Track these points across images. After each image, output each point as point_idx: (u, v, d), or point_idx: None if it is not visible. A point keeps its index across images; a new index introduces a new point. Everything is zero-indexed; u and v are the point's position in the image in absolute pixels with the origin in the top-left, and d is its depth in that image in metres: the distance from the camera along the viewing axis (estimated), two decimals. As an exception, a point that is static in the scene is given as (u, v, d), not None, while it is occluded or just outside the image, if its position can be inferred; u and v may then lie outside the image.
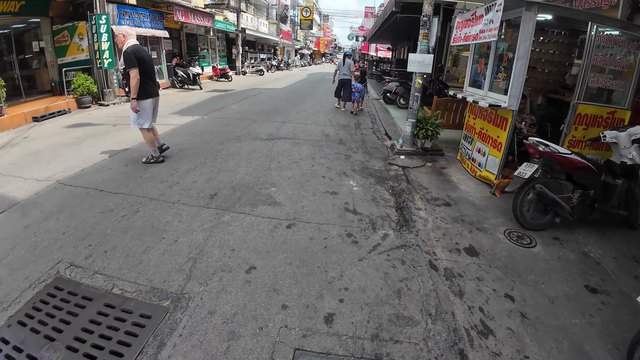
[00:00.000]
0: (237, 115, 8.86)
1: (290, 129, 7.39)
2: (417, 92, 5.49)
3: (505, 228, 3.51)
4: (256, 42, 32.77)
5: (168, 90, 14.48)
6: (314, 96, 13.26)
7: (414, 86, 5.49)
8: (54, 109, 8.51)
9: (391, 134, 7.22)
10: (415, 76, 5.42)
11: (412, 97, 5.57)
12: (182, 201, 3.83)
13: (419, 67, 5.24)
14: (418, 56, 5.23)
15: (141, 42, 14.38)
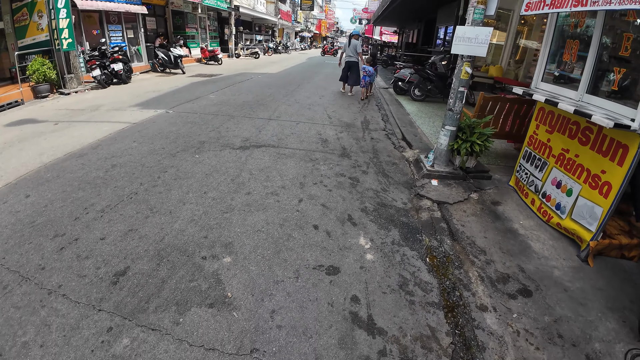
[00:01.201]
0: (212, 108, 7.00)
1: (276, 130, 5.54)
2: (463, 87, 3.64)
3: (625, 346, 1.78)
4: (253, 22, 30.43)
5: (146, 75, 12.59)
6: (311, 83, 11.32)
7: (458, 77, 3.63)
8: (4, 100, 6.88)
9: (411, 139, 5.40)
10: (461, 61, 3.56)
11: (453, 94, 3.72)
12: (62, 289, 2.07)
13: (468, 47, 3.37)
14: (469, 30, 3.35)
15: (113, 19, 12.54)
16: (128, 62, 10.83)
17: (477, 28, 3.30)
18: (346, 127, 5.93)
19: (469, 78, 3.58)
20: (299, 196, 3.38)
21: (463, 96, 3.66)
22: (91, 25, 11.35)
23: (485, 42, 3.25)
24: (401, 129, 5.97)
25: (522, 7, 3.11)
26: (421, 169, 4.10)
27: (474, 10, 3.30)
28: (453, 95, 3.69)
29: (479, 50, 3.30)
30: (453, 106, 3.72)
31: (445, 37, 12.74)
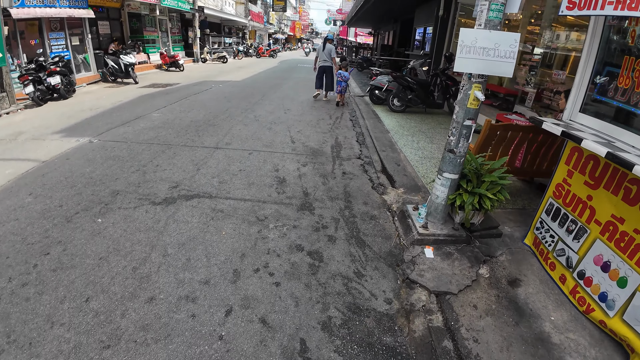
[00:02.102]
0: (148, 133, 5.66)
1: (220, 167, 4.28)
2: (470, 119, 2.49)
3: None
4: (221, 24, 28.85)
5: (93, 87, 11.08)
6: (279, 92, 10.08)
7: (463, 105, 2.47)
8: None
9: (392, 169, 4.27)
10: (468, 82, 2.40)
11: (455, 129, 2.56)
12: None
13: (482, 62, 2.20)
14: (483, 36, 2.17)
15: (55, 26, 10.88)
16: (68, 74, 9.32)
17: (497, 34, 2.16)
18: (312, 156, 4.73)
19: (477, 108, 2.45)
20: (228, 302, 2.15)
21: (470, 133, 2.53)
22: (31, 35, 9.79)
23: (512, 56, 2.13)
24: (380, 155, 4.83)
25: (563, 5, 2.01)
26: (410, 229, 2.95)
27: (489, 6, 2.16)
28: (455, 130, 2.55)
29: (503, 67, 2.19)
30: (455, 146, 2.58)
31: (424, 39, 11.79)
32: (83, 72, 12.12)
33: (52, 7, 9.92)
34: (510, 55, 2.14)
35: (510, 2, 2.13)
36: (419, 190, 3.83)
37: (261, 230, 2.92)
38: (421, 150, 5.19)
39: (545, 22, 7.34)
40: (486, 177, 2.74)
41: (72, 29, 11.40)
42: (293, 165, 4.33)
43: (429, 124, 6.98)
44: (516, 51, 2.14)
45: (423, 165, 4.55)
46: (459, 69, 2.27)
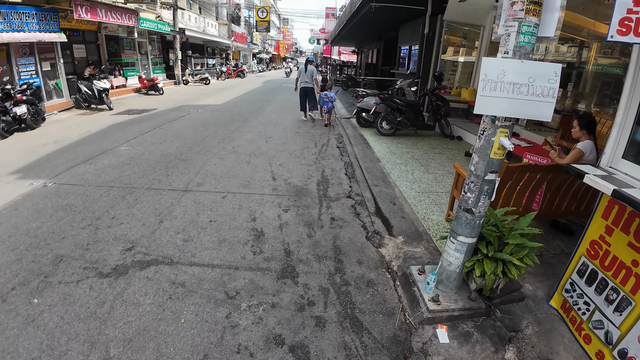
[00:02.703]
0: (111, 172, 5.01)
1: (187, 218, 3.65)
2: (493, 172, 1.95)
3: None
4: (204, 45, 28.55)
5: (65, 114, 10.40)
6: (261, 117, 9.55)
7: (484, 155, 1.92)
8: None
9: (388, 210, 3.73)
10: (491, 126, 1.85)
11: (474, 184, 2.01)
12: None
13: (514, 102, 1.65)
14: (512, 67, 1.62)
15: (24, 52, 10.22)
16: (37, 102, 8.66)
17: (531, 65, 1.64)
18: (296, 197, 4.14)
19: (500, 162, 1.92)
20: None
21: (493, 189, 1.99)
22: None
23: (551, 94, 1.63)
24: (373, 192, 4.29)
25: (613, 29, 1.53)
26: (417, 301, 2.37)
27: (519, 28, 1.65)
28: (473, 186, 2.00)
29: (540, 108, 1.67)
30: (474, 205, 2.03)
31: (409, 57, 11.54)
32: (55, 99, 11.46)
33: (21, 31, 9.33)
34: (550, 93, 1.64)
35: (544, 24, 1.63)
36: (421, 238, 3.28)
37: (231, 313, 2.29)
38: (417, 182, 4.67)
39: None
40: (510, 239, 2.20)
41: (43, 53, 10.80)
42: (273, 212, 3.73)
43: (422, 148, 6.52)
44: (557, 87, 1.64)
45: (422, 203, 4.01)
46: (481, 111, 1.75)
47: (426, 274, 2.55)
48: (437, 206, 3.96)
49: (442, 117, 7.61)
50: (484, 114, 1.81)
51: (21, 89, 8.44)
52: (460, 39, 10.10)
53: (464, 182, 2.09)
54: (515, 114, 1.74)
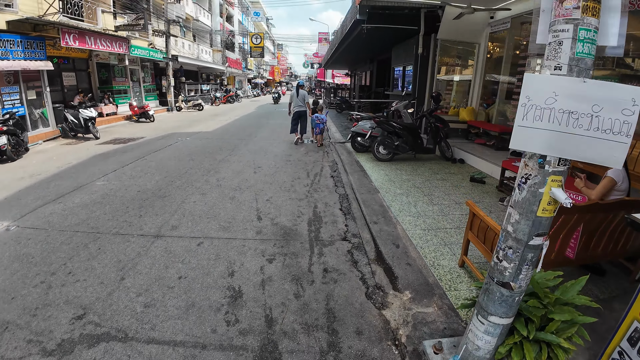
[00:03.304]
0: (80, 213, 4.46)
1: (153, 274, 3.07)
2: (540, 235, 1.42)
3: None
4: (199, 71, 28.64)
5: (50, 144, 10.02)
6: (251, 144, 9.10)
7: (528, 212, 1.39)
8: None
9: (391, 255, 3.17)
10: (539, 172, 1.32)
11: (514, 251, 1.48)
12: None
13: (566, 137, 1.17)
14: (566, 86, 1.13)
15: (9, 80, 9.85)
16: (19, 132, 8.24)
17: (597, 85, 1.14)
18: (283, 242, 3.57)
19: (554, 213, 1.40)
20: None
21: (540, 256, 1.45)
22: (-19, 90, 8.83)
23: (626, 131, 1.13)
24: (372, 231, 3.74)
25: None
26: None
27: (575, 33, 1.15)
28: (512, 253, 1.46)
29: (609, 150, 1.17)
30: (513, 278, 1.48)
31: (404, 78, 11.27)
32: (41, 128, 11.09)
33: (5, 59, 9.04)
34: (624, 130, 1.14)
35: (605, 31, 1.15)
36: (432, 292, 2.71)
37: None
38: (421, 216, 4.13)
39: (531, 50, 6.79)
40: (557, 313, 1.64)
41: (29, 81, 10.50)
42: (255, 263, 3.15)
43: (423, 174, 6.03)
44: (635, 121, 1.14)
45: (429, 244, 3.46)
46: (519, 146, 1.24)
47: (444, 352, 1.97)
48: (447, 247, 3.41)
49: (441, 139, 7.17)
50: (522, 150, 1.29)
51: (3, 118, 8.09)
52: (454, 59, 9.85)
53: (497, 247, 1.55)
54: (570, 154, 1.23)
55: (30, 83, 10.60)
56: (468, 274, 3.00)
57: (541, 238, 1.42)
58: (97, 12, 13.00)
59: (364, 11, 7.74)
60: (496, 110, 8.28)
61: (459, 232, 3.73)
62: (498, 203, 4.72)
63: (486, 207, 4.53)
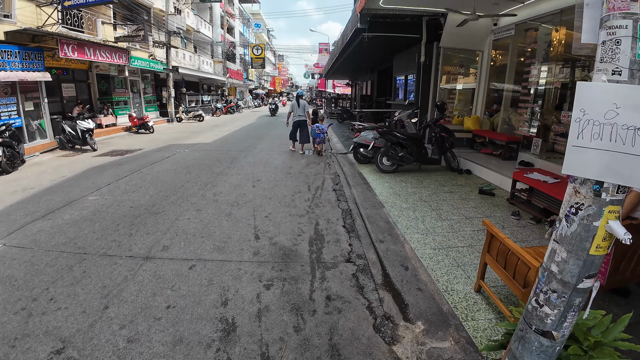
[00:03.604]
0: (68, 231, 4.21)
1: (139, 302, 2.80)
2: (591, 276, 1.16)
3: None
4: (200, 82, 28.69)
5: (47, 155, 9.88)
6: (250, 156, 8.88)
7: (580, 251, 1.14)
8: None
9: (399, 278, 2.90)
10: (595, 202, 1.06)
11: (556, 299, 1.22)
12: None
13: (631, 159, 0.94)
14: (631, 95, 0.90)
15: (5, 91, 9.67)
16: (14, 144, 8.08)
17: None
18: (282, 265, 3.29)
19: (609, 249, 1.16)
20: None
21: (589, 301, 1.19)
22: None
23: None
24: (378, 251, 3.47)
25: None
26: None
27: (637, 30, 0.92)
28: (556, 298, 1.20)
29: None
30: (555, 327, 1.22)
31: (406, 87, 11.10)
32: (38, 140, 10.97)
33: (2, 70, 8.96)
34: None
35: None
36: (447, 323, 2.43)
37: None
38: (430, 234, 3.86)
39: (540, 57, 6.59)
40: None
41: (27, 92, 10.40)
42: (251, 289, 2.87)
43: (429, 187, 5.77)
44: None
45: (441, 265, 3.18)
46: (574, 171, 1.00)
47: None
48: (460, 269, 3.13)
49: (447, 149, 6.93)
50: (577, 175, 1.04)
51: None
52: (456, 67, 9.67)
53: (536, 289, 1.29)
54: (637, 181, 0.98)
55: (28, 94, 10.49)
56: (485, 300, 2.72)
57: (591, 280, 1.16)
58: (97, 24, 12.97)
59: (365, 20, 7.59)
60: (501, 118, 8.07)
61: (472, 251, 3.45)
62: (510, 218, 4.45)
63: (498, 222, 4.26)
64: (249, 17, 45.76)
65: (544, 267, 1.27)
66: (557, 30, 6.08)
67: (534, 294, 1.33)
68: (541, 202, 4.54)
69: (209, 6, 29.04)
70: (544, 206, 4.48)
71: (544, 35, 6.45)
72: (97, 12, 13.01)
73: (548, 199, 4.45)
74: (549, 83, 6.35)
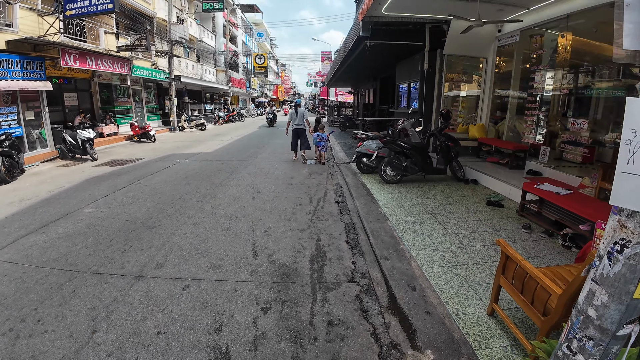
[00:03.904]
0: (61, 247, 4.06)
1: (128, 327, 2.62)
2: (631, 322, 0.98)
3: None
4: (203, 91, 28.78)
5: (47, 165, 9.85)
6: (251, 166, 8.74)
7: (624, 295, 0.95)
8: None
9: (406, 301, 2.70)
10: None
11: (592, 347, 1.03)
12: None
13: None
14: None
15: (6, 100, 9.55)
16: (14, 154, 8.01)
17: None
18: (280, 285, 3.10)
19: None
20: None
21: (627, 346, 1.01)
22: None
23: None
24: (383, 269, 3.27)
25: None
26: None
27: None
28: (592, 346, 1.02)
29: None
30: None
31: (409, 95, 10.97)
32: (39, 149, 10.92)
33: (3, 79, 8.91)
34: None
35: None
36: (459, 353, 2.23)
37: None
38: (438, 249, 3.67)
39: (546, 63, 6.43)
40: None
41: (28, 101, 10.37)
42: (247, 313, 2.68)
43: (435, 198, 5.58)
44: None
45: (450, 285, 2.98)
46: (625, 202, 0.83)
47: None
48: (471, 289, 2.93)
49: (452, 158, 6.75)
50: (626, 207, 0.87)
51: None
52: (460, 74, 9.53)
53: (569, 334, 1.10)
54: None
55: (29, 103, 10.47)
56: (499, 324, 2.52)
57: (631, 326, 0.98)
58: (99, 33, 13.01)
59: (367, 27, 7.50)
60: (506, 126, 7.89)
61: (483, 269, 3.25)
62: (521, 231, 4.25)
63: (509, 236, 4.06)
64: (251, 27, 46.19)
65: (578, 310, 1.08)
66: (563, 36, 5.93)
67: (566, 339, 1.14)
68: (553, 214, 4.34)
69: (212, 16, 29.30)
70: (555, 218, 4.28)
71: (550, 41, 6.31)
72: (99, 21, 13.06)
73: (560, 211, 4.25)
74: (555, 89, 6.18)
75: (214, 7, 22.77)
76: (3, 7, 8.87)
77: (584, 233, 3.81)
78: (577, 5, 5.38)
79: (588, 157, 5.60)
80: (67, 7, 9.28)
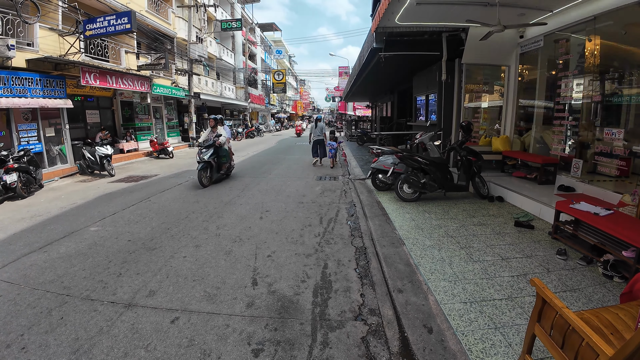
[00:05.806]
0: (59, 267, 3.91)
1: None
2: None
3: None
4: (222, 108, 29.32)
5: (65, 180, 10.04)
6: (263, 182, 8.52)
7: None
8: None
9: (420, 347, 2.29)
10: None
11: None
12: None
13: None
14: None
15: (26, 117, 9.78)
16: (32, 169, 8.18)
17: None
18: (277, 322, 2.73)
19: None
20: None
21: None
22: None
23: None
24: (395, 304, 2.87)
25: None
26: None
27: None
28: None
29: None
30: None
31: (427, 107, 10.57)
32: (59, 165, 11.18)
33: (22, 97, 9.16)
34: None
35: None
36: (488, 419, 1.80)
37: None
38: (460, 281, 3.23)
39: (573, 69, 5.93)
40: None
41: (49, 118, 10.69)
42: (236, 356, 2.34)
43: (456, 218, 5.13)
44: None
45: (473, 326, 2.55)
46: None
47: None
48: (499, 333, 2.49)
49: (475, 174, 6.28)
50: None
51: (18, 155, 8.08)
52: (480, 84, 9.08)
53: None
54: None
55: (50, 120, 10.78)
56: (535, 380, 2.08)
57: None
58: (120, 53, 13.41)
59: (381, 39, 7.25)
60: (532, 137, 7.36)
61: (513, 306, 2.80)
62: (556, 257, 3.75)
63: (542, 264, 3.57)
64: (270, 44, 47.19)
65: None
66: (590, 40, 5.46)
67: None
68: (591, 238, 3.83)
69: (231, 35, 30.04)
70: (594, 243, 3.77)
71: (577, 45, 5.84)
72: (120, 41, 13.48)
73: (599, 234, 3.75)
74: (586, 97, 5.66)
75: (232, 27, 23.33)
76: (23, 26, 9.19)
77: (627, 260, 3.31)
78: (605, 5, 4.94)
79: (624, 170, 5.04)
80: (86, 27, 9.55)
